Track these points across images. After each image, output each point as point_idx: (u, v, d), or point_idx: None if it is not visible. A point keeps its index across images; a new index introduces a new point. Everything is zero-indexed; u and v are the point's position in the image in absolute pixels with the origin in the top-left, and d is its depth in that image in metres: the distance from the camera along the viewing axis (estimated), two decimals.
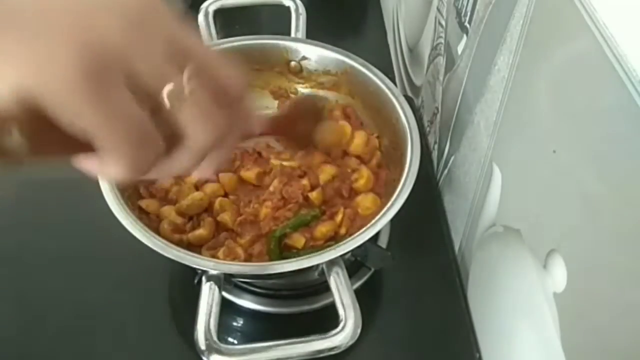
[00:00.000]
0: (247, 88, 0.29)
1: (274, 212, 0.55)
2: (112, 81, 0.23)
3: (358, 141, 0.59)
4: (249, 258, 0.52)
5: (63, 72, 0.22)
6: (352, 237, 0.47)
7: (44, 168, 0.26)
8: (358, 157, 0.59)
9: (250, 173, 0.57)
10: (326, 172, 0.58)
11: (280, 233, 0.53)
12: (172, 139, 0.27)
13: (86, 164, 0.26)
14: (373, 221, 0.47)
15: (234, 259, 0.51)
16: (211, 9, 0.64)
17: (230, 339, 0.55)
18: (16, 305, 0.56)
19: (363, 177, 0.57)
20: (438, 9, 0.64)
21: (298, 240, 0.53)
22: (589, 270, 0.35)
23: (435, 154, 0.68)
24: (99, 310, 0.56)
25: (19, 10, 0.23)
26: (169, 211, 0.54)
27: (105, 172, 0.26)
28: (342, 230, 0.54)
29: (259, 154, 0.60)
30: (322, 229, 0.54)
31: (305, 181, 0.57)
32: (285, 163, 0.58)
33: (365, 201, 0.56)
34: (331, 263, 0.45)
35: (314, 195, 0.56)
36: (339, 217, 0.55)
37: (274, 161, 0.59)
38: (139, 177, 0.26)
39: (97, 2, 0.24)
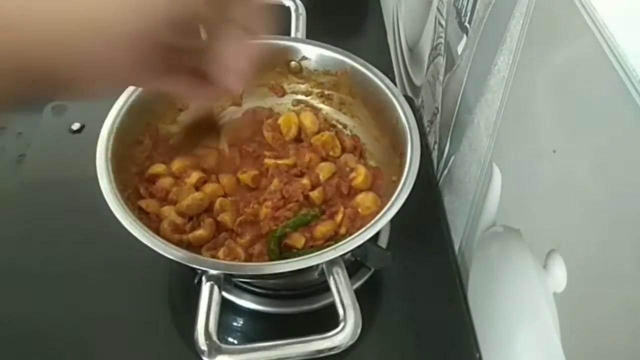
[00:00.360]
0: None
1: (274, 212, 0.55)
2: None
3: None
4: (249, 258, 0.52)
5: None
6: (352, 237, 0.47)
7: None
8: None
9: (246, 176, 0.57)
10: (326, 169, 0.58)
11: (280, 233, 0.53)
12: None
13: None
14: (373, 221, 0.47)
15: (234, 259, 0.51)
16: None
17: (230, 339, 0.55)
18: (15, 306, 0.56)
19: (360, 174, 0.57)
20: (438, 9, 0.64)
21: (298, 240, 0.53)
22: (589, 270, 0.35)
23: (435, 154, 0.68)
24: (99, 310, 0.56)
25: None
26: (169, 211, 0.54)
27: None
28: (342, 230, 0.54)
29: (257, 154, 0.60)
30: (322, 228, 0.54)
31: (305, 180, 0.57)
32: (279, 162, 0.58)
33: (365, 201, 0.55)
34: (331, 263, 0.45)
35: (314, 194, 0.56)
36: (339, 217, 0.55)
37: (268, 160, 0.59)
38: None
39: None
